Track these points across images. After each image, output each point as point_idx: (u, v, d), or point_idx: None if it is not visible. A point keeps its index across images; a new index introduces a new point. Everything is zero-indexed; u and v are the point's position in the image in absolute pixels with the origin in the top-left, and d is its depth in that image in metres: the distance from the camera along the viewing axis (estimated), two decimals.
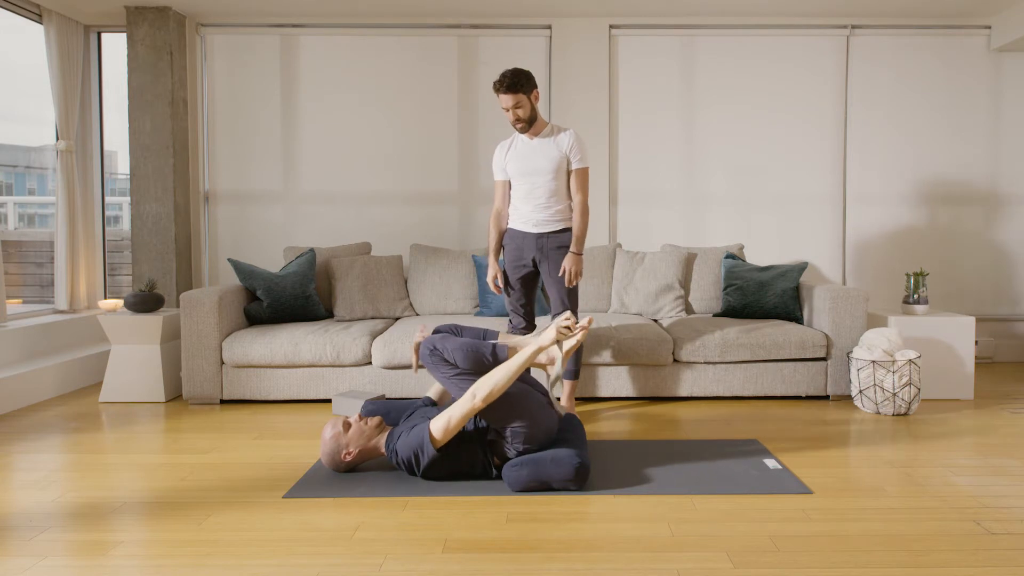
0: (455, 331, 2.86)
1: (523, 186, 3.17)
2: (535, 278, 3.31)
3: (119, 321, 3.76)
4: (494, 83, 3.02)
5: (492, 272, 3.28)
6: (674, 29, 4.69)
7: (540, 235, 3.18)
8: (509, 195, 3.29)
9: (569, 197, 3.20)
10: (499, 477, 2.52)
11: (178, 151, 4.53)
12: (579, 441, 2.63)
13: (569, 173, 3.17)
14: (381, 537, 2.09)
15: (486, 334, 2.87)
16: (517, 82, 2.99)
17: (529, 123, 3.10)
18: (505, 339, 2.82)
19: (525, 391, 2.53)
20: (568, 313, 2.58)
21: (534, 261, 3.23)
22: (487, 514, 2.24)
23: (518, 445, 2.47)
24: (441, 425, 2.37)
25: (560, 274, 3.14)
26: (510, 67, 3.17)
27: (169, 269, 4.49)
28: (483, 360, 2.53)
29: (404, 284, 4.29)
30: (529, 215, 3.19)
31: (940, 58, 4.71)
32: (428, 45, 4.73)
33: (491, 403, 2.41)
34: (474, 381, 2.44)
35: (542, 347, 2.50)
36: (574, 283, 3.15)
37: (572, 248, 3.13)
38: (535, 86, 3.08)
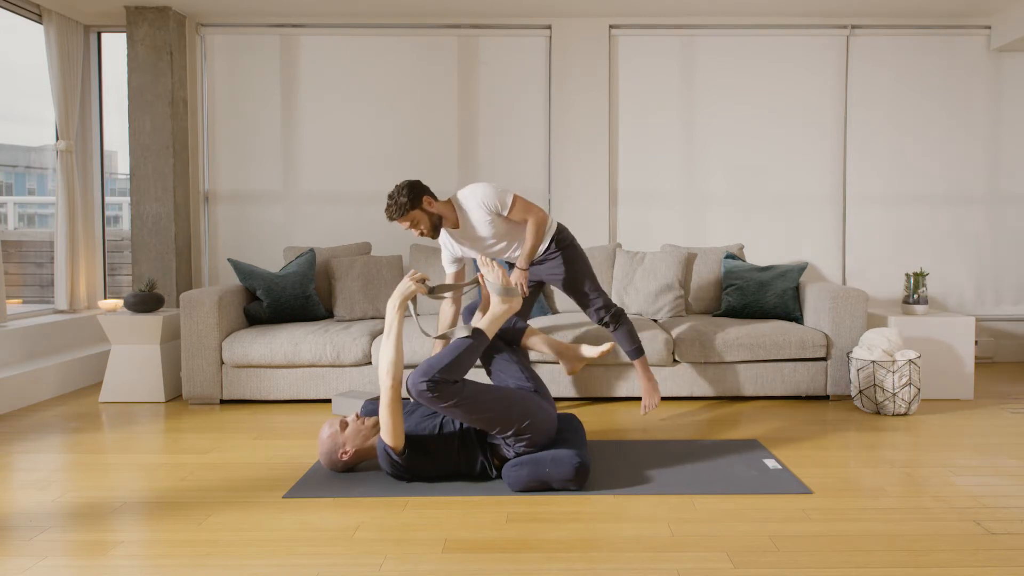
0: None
1: (487, 258, 2.97)
2: (535, 294, 3.43)
3: (119, 321, 3.76)
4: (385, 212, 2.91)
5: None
6: (674, 29, 4.69)
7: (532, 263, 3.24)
8: (463, 277, 3.29)
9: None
10: (499, 477, 2.52)
11: (178, 151, 4.53)
12: (579, 441, 2.63)
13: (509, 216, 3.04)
14: (381, 537, 2.09)
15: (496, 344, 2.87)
16: (399, 209, 2.85)
17: (437, 230, 2.96)
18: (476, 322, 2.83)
19: (522, 396, 2.52)
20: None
21: (538, 279, 3.34)
22: (487, 514, 2.24)
23: (519, 447, 2.47)
24: (384, 428, 2.37)
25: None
26: (401, 185, 2.89)
27: (169, 269, 4.49)
28: (472, 358, 2.49)
29: None
30: (508, 261, 3.28)
31: (940, 58, 4.71)
32: (428, 45, 4.73)
33: (488, 413, 2.37)
34: (484, 390, 2.41)
35: (404, 296, 2.49)
36: (524, 292, 3.03)
37: (518, 263, 3.06)
38: (422, 194, 2.88)
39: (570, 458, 2.43)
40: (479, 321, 2.69)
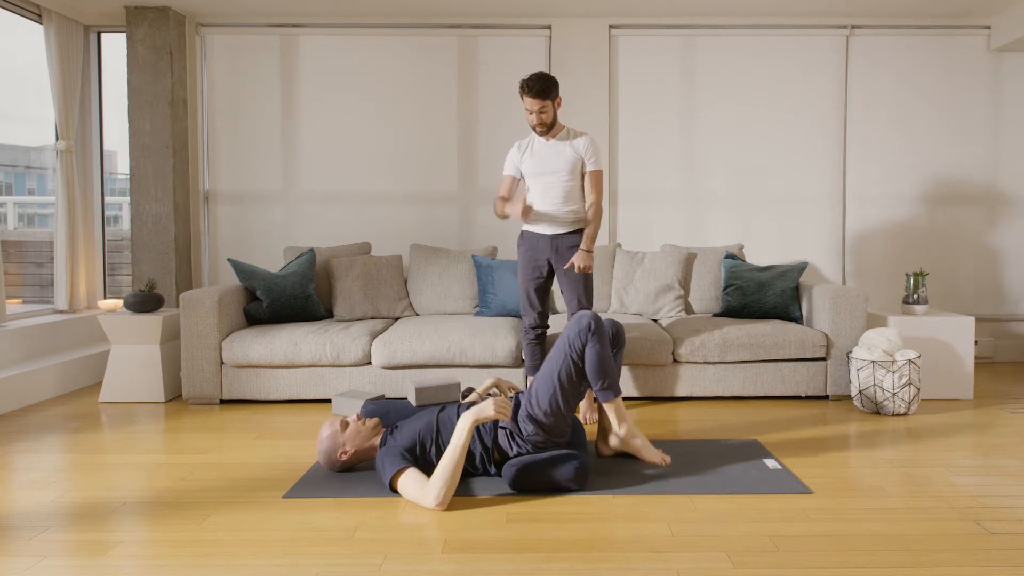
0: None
1: (537, 185, 3.21)
2: (549, 283, 3.34)
3: (119, 321, 3.76)
4: (522, 84, 3.03)
5: (517, 202, 3.10)
6: (674, 29, 4.69)
7: (555, 236, 3.21)
8: (512, 191, 3.32)
9: (583, 199, 3.24)
10: (498, 474, 2.52)
11: (178, 151, 4.53)
12: (579, 443, 2.63)
13: (584, 176, 3.21)
14: (381, 537, 2.09)
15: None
16: (545, 88, 3.03)
17: (549, 128, 3.14)
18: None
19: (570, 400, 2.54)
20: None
21: (549, 262, 3.25)
22: (487, 514, 2.24)
23: (532, 440, 2.46)
24: (405, 489, 2.32)
25: (565, 267, 3.17)
26: (536, 70, 3.18)
27: (169, 269, 4.49)
28: (605, 366, 2.55)
29: (404, 284, 4.29)
30: (543, 215, 3.22)
31: (940, 58, 4.71)
32: (428, 45, 4.73)
33: (558, 374, 2.46)
34: (572, 373, 2.47)
35: (477, 419, 2.35)
36: (579, 273, 3.17)
37: (583, 245, 3.16)
38: (559, 93, 3.12)
39: (570, 459, 2.43)
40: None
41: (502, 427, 2.49)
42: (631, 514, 2.24)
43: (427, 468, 2.41)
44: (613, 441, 2.72)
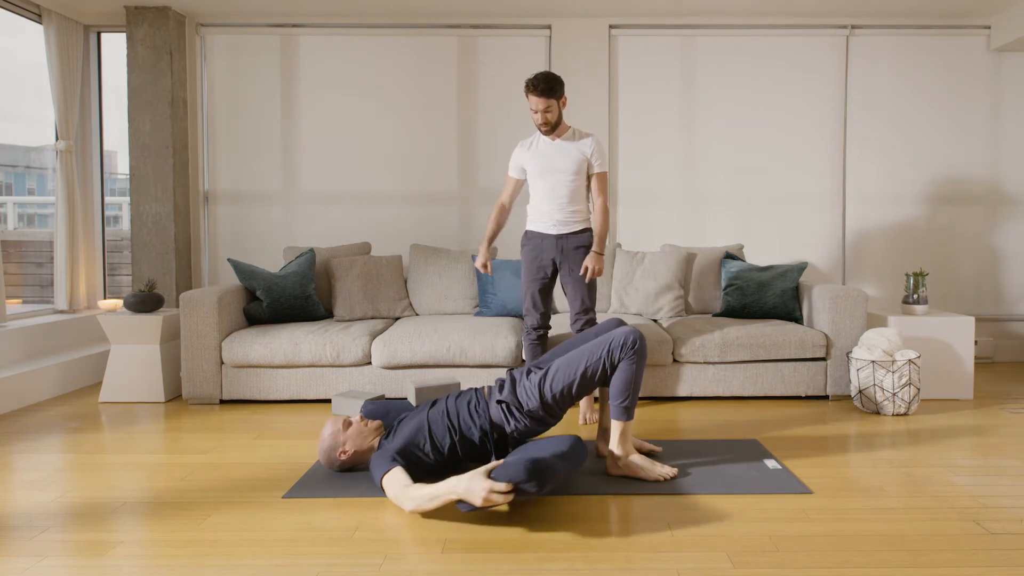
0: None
1: (543, 185, 3.21)
2: (552, 283, 3.33)
3: (119, 321, 3.76)
4: (527, 82, 3.04)
5: (482, 259, 3.32)
6: (674, 29, 4.69)
7: (560, 236, 3.21)
8: (515, 193, 3.35)
9: (587, 199, 3.25)
10: (499, 458, 2.50)
11: (178, 151, 4.53)
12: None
13: (590, 177, 3.21)
14: (381, 537, 2.09)
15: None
16: (551, 87, 3.03)
17: (554, 127, 3.14)
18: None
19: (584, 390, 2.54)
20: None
21: (554, 262, 3.25)
22: (487, 514, 2.24)
23: (525, 419, 2.46)
24: (388, 487, 2.27)
25: (581, 272, 3.18)
26: (543, 70, 3.30)
27: (169, 269, 4.49)
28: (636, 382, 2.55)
29: (404, 284, 4.29)
30: (549, 214, 3.21)
31: (940, 58, 4.71)
32: (428, 45, 4.73)
33: (582, 370, 2.47)
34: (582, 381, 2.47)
35: (460, 495, 2.14)
36: (591, 279, 3.20)
37: (594, 248, 3.18)
38: (564, 92, 3.12)
39: (569, 437, 2.37)
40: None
41: (499, 401, 2.49)
42: (631, 514, 2.24)
43: (421, 465, 2.41)
44: (614, 453, 2.64)
